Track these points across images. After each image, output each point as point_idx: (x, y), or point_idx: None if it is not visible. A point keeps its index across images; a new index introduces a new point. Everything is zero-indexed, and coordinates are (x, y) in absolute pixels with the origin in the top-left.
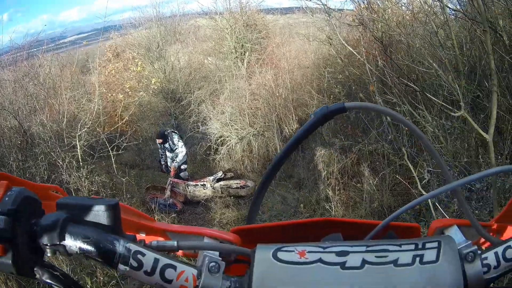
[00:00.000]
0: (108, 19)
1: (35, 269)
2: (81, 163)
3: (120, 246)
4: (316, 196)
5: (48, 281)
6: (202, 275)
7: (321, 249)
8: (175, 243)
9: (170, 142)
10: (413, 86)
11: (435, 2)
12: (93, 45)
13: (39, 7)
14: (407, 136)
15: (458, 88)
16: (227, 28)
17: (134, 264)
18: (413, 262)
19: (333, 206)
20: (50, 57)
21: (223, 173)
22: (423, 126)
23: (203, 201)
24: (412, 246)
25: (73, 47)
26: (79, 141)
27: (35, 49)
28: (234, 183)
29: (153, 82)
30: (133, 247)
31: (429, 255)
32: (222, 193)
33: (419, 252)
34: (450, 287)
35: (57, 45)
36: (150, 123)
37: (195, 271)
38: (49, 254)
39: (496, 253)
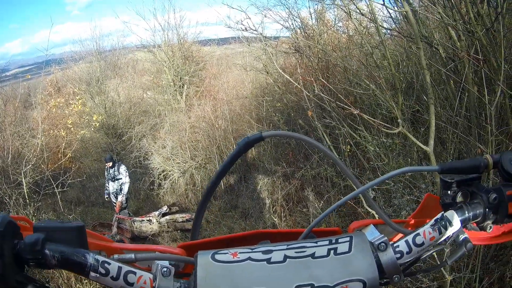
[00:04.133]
0: (50, 53)
1: (18, 281)
2: (27, 200)
3: (90, 258)
4: (262, 224)
5: None
6: (157, 278)
7: (249, 250)
8: (132, 255)
9: (116, 169)
10: (350, 109)
11: (370, 24)
12: (34, 79)
13: None
14: (349, 158)
15: (395, 105)
16: (165, 61)
17: (103, 271)
18: (328, 254)
19: None
20: None
21: (168, 207)
22: (364, 146)
23: (150, 236)
24: (327, 242)
25: (16, 80)
26: (24, 178)
27: None
28: (179, 217)
29: (94, 118)
30: (101, 258)
31: (342, 247)
32: (168, 227)
33: (333, 246)
34: (365, 272)
35: (0, 78)
36: (93, 159)
37: (151, 276)
38: (32, 267)
39: (406, 241)
